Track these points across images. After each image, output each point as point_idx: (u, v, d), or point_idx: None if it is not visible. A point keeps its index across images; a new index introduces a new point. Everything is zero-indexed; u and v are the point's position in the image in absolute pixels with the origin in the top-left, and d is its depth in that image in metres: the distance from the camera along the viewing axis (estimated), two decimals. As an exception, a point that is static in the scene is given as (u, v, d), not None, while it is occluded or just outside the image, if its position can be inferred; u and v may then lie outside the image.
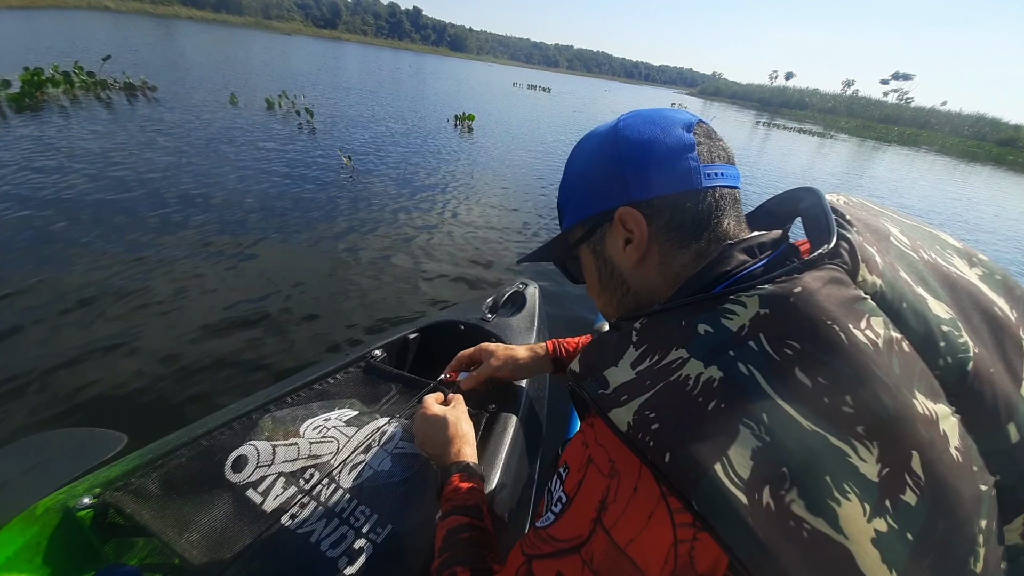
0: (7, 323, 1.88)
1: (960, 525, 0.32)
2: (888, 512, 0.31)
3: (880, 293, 0.37)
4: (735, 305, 0.37)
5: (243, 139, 5.24)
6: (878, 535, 0.30)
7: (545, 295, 1.63)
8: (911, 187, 10.69)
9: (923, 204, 8.41)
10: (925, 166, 16.85)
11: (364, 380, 1.06)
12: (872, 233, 0.42)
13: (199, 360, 1.83)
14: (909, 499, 0.31)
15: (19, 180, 3.25)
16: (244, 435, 0.84)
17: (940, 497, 0.32)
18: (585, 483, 0.39)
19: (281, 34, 63.36)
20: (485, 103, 14.70)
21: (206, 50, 17.98)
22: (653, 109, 0.51)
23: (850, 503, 0.30)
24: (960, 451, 0.33)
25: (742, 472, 0.31)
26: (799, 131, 26.59)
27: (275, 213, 3.35)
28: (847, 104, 66.49)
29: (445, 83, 21.75)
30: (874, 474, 0.31)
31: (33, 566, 0.70)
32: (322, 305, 2.31)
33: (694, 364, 0.36)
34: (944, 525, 0.31)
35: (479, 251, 3.23)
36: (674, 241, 0.47)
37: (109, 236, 2.68)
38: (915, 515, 0.31)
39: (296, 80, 12.10)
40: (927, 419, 0.33)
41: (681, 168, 0.45)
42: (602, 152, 0.50)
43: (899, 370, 0.34)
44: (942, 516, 0.32)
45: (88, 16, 34.15)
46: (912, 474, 0.31)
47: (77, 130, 4.72)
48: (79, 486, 0.77)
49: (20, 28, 16.78)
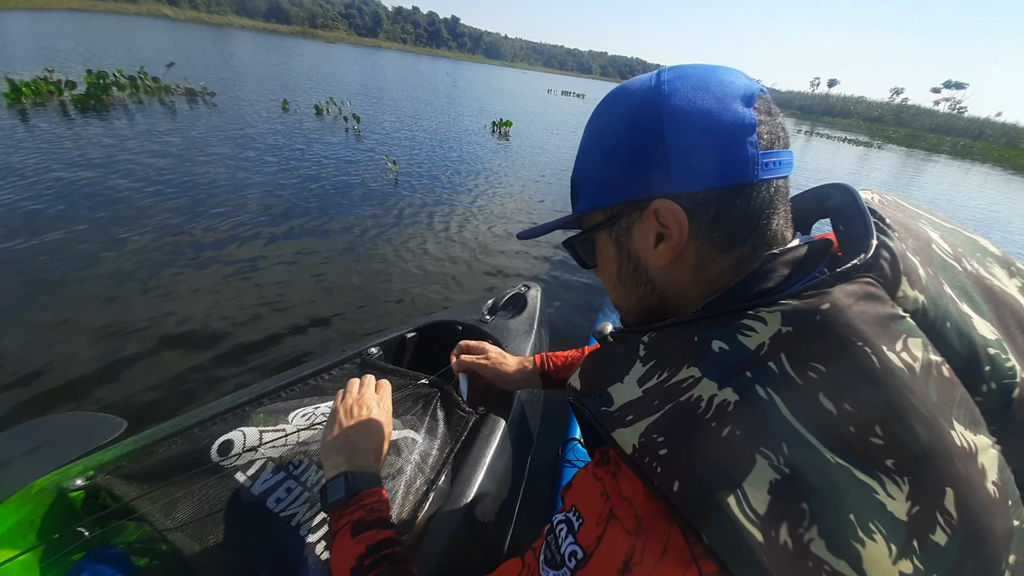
0: (84, 299, 2.10)
1: (989, 564, 0.30)
2: (915, 553, 0.28)
3: (922, 311, 0.34)
4: (754, 321, 0.34)
5: (295, 143, 5.52)
6: None
7: (547, 297, 1.62)
8: (968, 201, 10.22)
9: (978, 216, 8.05)
10: (979, 179, 16.03)
11: (359, 376, 1.09)
12: (914, 239, 0.38)
13: (241, 341, 1.99)
14: (939, 539, 0.29)
15: (75, 174, 3.57)
16: (235, 424, 0.86)
17: (971, 536, 0.29)
18: (606, 540, 0.36)
19: (326, 42, 65.87)
20: (521, 109, 14.89)
21: (258, 57, 18.88)
22: (704, 68, 0.41)
23: (875, 544, 0.28)
24: (997, 486, 0.31)
25: (758, 507, 0.29)
26: (843, 140, 25.72)
27: (326, 213, 3.53)
28: (895, 113, 63.90)
29: (482, 90, 22.11)
30: (903, 512, 0.29)
31: (26, 543, 0.72)
32: (363, 299, 2.45)
33: (707, 384, 0.33)
34: (973, 564, 0.29)
35: (516, 256, 3.35)
36: (715, 243, 0.40)
37: (173, 226, 2.91)
38: (944, 556, 0.29)
39: (341, 86, 12.59)
40: (965, 452, 0.30)
41: (738, 156, 0.37)
42: (638, 124, 0.40)
43: (937, 398, 0.31)
44: (971, 556, 0.29)
45: (148, 23, 36.31)
46: (944, 512, 0.29)
47: (142, 131, 5.09)
48: (74, 468, 0.78)
49: (82, 31, 18.03)
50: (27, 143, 4.11)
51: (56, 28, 19.04)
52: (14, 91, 5.72)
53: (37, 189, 3.17)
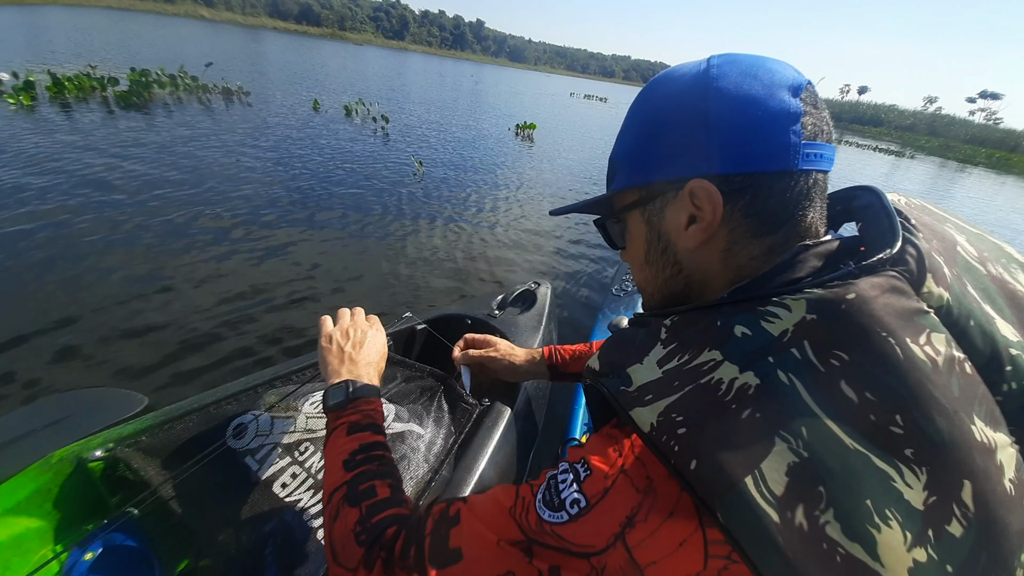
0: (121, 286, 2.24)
1: (1003, 560, 0.30)
2: (930, 542, 0.29)
3: (946, 308, 0.34)
4: (779, 308, 0.34)
5: (326, 142, 5.69)
6: (916, 565, 0.28)
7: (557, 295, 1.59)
8: (1006, 216, 9.92)
9: (1012, 231, 7.83)
10: (1016, 192, 15.50)
11: None
12: (939, 240, 0.38)
13: (260, 329, 2.10)
14: (955, 530, 0.29)
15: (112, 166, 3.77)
16: (248, 406, 0.89)
17: (987, 530, 0.30)
18: (612, 493, 0.37)
19: (354, 44, 67.07)
20: (545, 112, 15.00)
21: (289, 58, 19.40)
22: (755, 57, 0.42)
23: (891, 530, 0.28)
24: (1014, 483, 0.31)
25: (775, 488, 0.30)
26: (873, 149, 25.14)
27: (355, 209, 3.66)
28: (928, 122, 62.16)
29: (506, 92, 22.29)
30: (920, 501, 0.29)
31: (43, 511, 0.75)
32: (382, 289, 2.57)
33: (728, 368, 0.34)
34: (987, 559, 0.29)
35: (539, 255, 3.43)
36: (748, 229, 0.40)
37: (215, 214, 3.07)
38: (959, 547, 0.29)
39: (369, 88, 12.87)
40: (984, 447, 0.30)
41: (780, 143, 0.38)
42: (684, 104, 0.41)
43: (959, 392, 0.31)
44: (986, 549, 0.30)
45: (185, 23, 37.50)
46: (961, 504, 0.29)
47: (183, 128, 5.32)
48: (93, 440, 0.80)
49: (122, 30, 18.70)
50: (70, 136, 4.34)
51: (95, 25, 19.86)
52: (56, 84, 5.95)
53: (93, 176, 3.38)
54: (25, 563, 0.70)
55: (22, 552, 0.71)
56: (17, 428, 0.98)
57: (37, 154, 3.68)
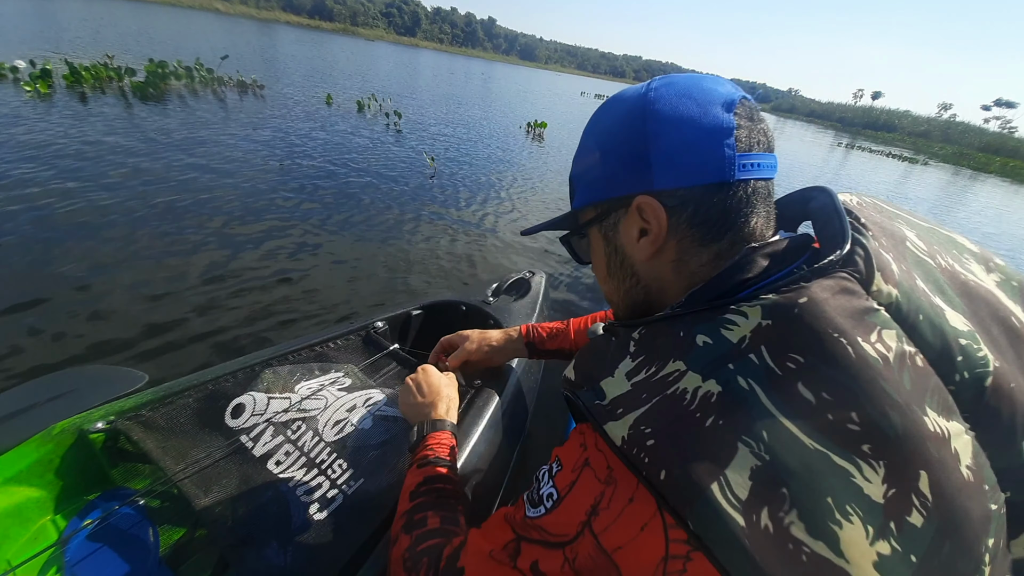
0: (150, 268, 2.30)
1: (968, 547, 0.31)
2: (892, 534, 0.29)
3: (895, 304, 0.35)
4: (736, 315, 0.36)
5: (339, 137, 5.74)
6: (881, 559, 0.29)
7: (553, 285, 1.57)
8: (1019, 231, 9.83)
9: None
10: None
11: (363, 349, 1.13)
12: (888, 238, 0.40)
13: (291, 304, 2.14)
14: (915, 521, 0.30)
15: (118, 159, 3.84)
16: (245, 385, 0.92)
17: (948, 518, 0.30)
18: (578, 485, 0.39)
19: (366, 40, 67.20)
20: (556, 111, 14.98)
21: (302, 52, 19.45)
22: (691, 78, 0.44)
23: (852, 525, 0.29)
24: (972, 470, 0.32)
25: (740, 492, 0.30)
26: (886, 155, 24.91)
27: (367, 204, 3.71)
28: (942, 129, 61.45)
29: (516, 91, 22.27)
30: (879, 495, 0.30)
31: (44, 481, 0.76)
32: (390, 278, 2.61)
33: (692, 377, 0.35)
34: (950, 546, 0.30)
35: (546, 253, 3.47)
36: (695, 238, 0.42)
37: (219, 205, 3.14)
38: (921, 537, 0.30)
39: (381, 83, 12.92)
40: (938, 437, 0.31)
41: (715, 156, 0.40)
42: (625, 126, 0.44)
43: (910, 386, 0.32)
44: (948, 537, 0.30)
45: (200, 16, 37.74)
46: (919, 495, 0.30)
47: (198, 118, 5.40)
48: (95, 413, 0.82)
49: (137, 20, 18.79)
50: (91, 124, 4.43)
51: (110, 15, 19.98)
52: (73, 74, 6.03)
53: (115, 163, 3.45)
54: (24, 531, 0.72)
55: (22, 520, 0.72)
56: (19, 402, 1.01)
57: (57, 143, 3.76)
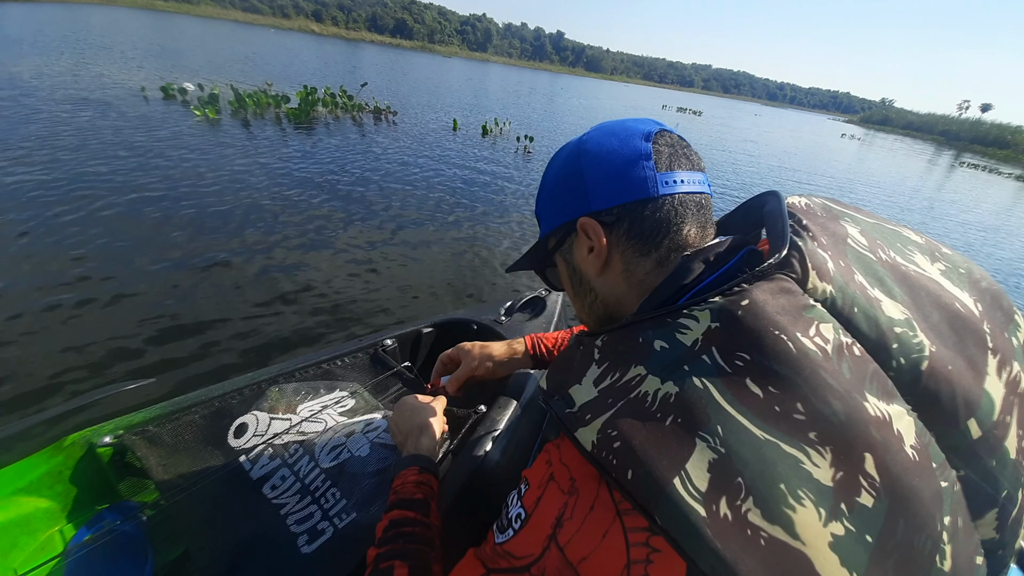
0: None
1: (922, 524, 0.32)
2: (844, 515, 0.31)
3: (831, 299, 0.38)
4: (688, 320, 0.38)
5: (472, 161, 6.17)
6: (836, 539, 0.30)
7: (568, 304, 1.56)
8: None
9: None
10: None
11: (369, 368, 1.09)
12: (828, 237, 0.42)
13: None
14: (865, 501, 0.31)
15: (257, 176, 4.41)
16: (251, 402, 0.91)
17: (898, 497, 0.32)
18: (544, 499, 0.40)
19: (442, 56, 70.45)
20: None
21: (409, 73, 20.74)
22: (617, 121, 0.52)
23: (805, 509, 0.30)
24: (916, 449, 0.34)
25: (700, 485, 0.31)
26: (995, 171, 22.58)
27: (508, 229, 4.03)
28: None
29: (602, 105, 22.44)
30: (828, 479, 0.31)
31: (53, 492, 0.76)
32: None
33: (652, 380, 0.36)
34: (905, 525, 0.32)
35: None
36: (635, 249, 0.47)
37: (366, 218, 3.60)
38: (873, 517, 0.31)
39: (493, 104, 13.64)
40: (879, 420, 0.33)
41: (637, 177, 0.46)
42: (566, 165, 0.51)
43: (849, 374, 0.34)
44: (902, 516, 0.32)
45: (298, 37, 40.93)
46: (867, 476, 0.32)
47: (352, 143, 6.01)
48: (105, 426, 0.82)
49: (251, 42, 20.49)
50: (276, 149, 5.10)
51: (223, 37, 22.00)
52: (238, 100, 6.78)
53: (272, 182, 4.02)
54: (32, 541, 0.73)
55: (30, 530, 0.73)
56: (36, 417, 1.03)
57: (242, 167, 4.41)
